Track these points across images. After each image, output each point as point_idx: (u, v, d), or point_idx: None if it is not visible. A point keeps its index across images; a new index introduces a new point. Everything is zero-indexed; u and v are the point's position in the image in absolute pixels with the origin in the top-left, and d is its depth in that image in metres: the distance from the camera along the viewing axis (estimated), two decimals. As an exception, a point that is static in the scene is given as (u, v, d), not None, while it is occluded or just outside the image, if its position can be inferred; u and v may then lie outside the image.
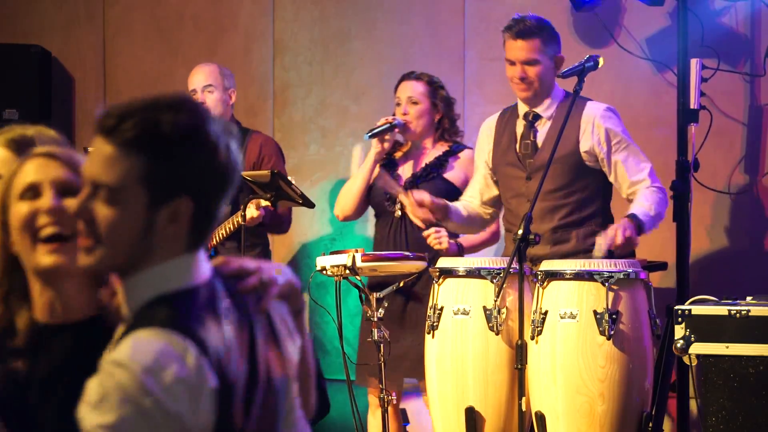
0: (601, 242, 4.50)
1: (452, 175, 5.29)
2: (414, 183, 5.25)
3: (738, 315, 4.30)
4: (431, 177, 5.27)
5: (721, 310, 4.33)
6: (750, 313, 4.29)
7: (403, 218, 5.19)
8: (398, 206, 5.22)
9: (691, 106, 5.33)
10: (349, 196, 5.40)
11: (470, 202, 5.05)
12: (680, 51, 5.39)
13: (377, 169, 5.39)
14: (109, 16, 6.98)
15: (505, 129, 4.97)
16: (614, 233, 4.47)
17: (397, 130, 5.31)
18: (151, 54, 6.89)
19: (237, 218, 5.39)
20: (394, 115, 5.35)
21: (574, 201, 4.79)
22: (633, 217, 4.56)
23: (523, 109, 4.91)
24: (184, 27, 6.84)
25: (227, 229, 5.53)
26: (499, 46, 4.92)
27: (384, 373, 4.78)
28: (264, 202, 5.12)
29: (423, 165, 5.31)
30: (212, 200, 2.07)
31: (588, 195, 4.81)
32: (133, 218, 2.02)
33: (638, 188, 4.75)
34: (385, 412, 4.81)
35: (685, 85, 5.34)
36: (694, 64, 5.35)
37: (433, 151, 5.35)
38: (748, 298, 4.48)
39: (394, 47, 6.32)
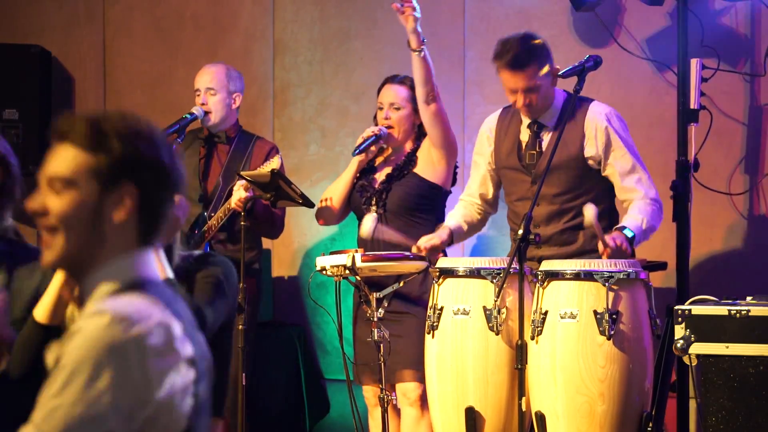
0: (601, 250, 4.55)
1: (421, 168, 5.24)
2: (388, 184, 5.24)
3: (738, 315, 4.29)
4: (403, 175, 5.24)
5: (721, 310, 4.33)
6: (750, 313, 4.29)
7: (380, 221, 5.17)
8: (374, 209, 5.22)
9: (691, 106, 5.33)
10: (330, 203, 5.38)
11: (470, 208, 5.07)
12: (680, 51, 5.39)
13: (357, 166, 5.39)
14: (109, 16, 6.98)
15: (507, 131, 4.94)
16: (609, 241, 4.52)
17: (381, 141, 5.30)
18: (151, 54, 6.89)
19: (228, 205, 5.37)
20: (375, 117, 5.34)
21: (581, 204, 4.76)
22: (623, 229, 4.62)
23: (527, 119, 4.89)
24: (184, 27, 6.83)
25: (218, 218, 5.48)
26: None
27: (384, 373, 4.77)
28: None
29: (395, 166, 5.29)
30: (156, 192, 2.08)
31: (594, 197, 4.78)
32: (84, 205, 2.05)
33: (632, 198, 4.77)
34: (385, 412, 4.80)
35: (685, 85, 5.34)
36: (694, 64, 5.34)
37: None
38: (748, 298, 4.47)
39: (394, 47, 6.31)
